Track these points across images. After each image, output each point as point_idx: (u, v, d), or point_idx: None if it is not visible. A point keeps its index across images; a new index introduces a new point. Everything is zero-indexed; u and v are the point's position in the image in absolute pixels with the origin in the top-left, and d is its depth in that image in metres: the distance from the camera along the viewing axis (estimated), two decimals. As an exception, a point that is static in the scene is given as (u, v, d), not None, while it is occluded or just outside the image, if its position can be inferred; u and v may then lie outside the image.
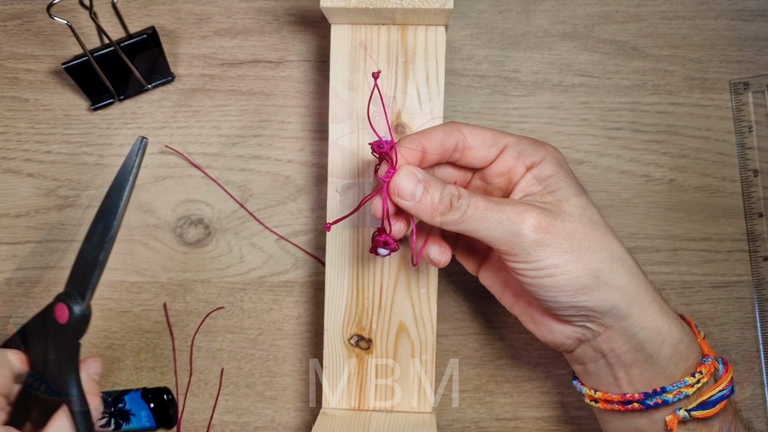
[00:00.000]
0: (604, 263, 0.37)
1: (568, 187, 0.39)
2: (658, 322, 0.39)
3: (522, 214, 0.37)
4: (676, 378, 0.39)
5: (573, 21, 0.54)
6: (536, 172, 0.39)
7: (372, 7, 0.43)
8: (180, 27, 0.54)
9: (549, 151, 0.40)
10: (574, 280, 0.37)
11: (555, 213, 0.37)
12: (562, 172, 0.39)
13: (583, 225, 0.38)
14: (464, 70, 0.54)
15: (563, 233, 0.37)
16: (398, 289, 0.47)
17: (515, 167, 0.40)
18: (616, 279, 0.37)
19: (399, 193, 0.37)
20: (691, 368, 0.39)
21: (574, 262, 0.37)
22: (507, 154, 0.40)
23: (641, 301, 0.38)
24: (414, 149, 0.39)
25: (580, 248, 0.37)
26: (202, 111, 0.54)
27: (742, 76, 0.53)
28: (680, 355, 0.39)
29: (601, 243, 0.38)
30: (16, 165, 0.54)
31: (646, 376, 0.39)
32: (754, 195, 0.52)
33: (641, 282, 0.39)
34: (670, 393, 0.39)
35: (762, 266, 0.52)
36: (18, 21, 0.55)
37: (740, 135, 0.53)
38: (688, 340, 0.40)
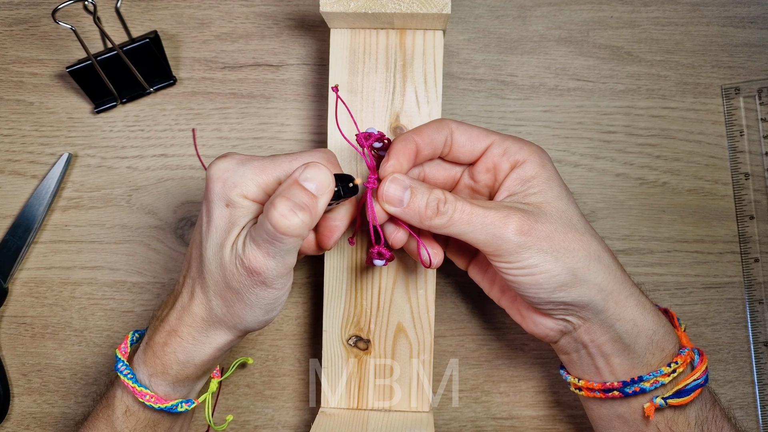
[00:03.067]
0: (581, 262, 0.39)
1: (549, 189, 0.40)
2: (634, 315, 0.41)
3: (505, 219, 0.38)
4: (653, 367, 0.41)
5: (568, 26, 0.54)
6: (520, 173, 0.41)
7: (371, 11, 0.44)
8: (182, 31, 0.55)
9: (533, 151, 0.41)
10: (553, 279, 0.39)
11: (536, 215, 0.39)
12: (545, 174, 0.41)
13: (562, 226, 0.39)
14: (462, 73, 0.54)
15: (543, 235, 0.39)
16: (396, 290, 0.47)
17: (500, 164, 0.41)
18: (592, 276, 0.40)
19: (387, 199, 0.40)
20: (668, 358, 0.41)
21: (552, 261, 0.39)
22: (492, 151, 0.41)
23: (618, 295, 0.40)
24: (407, 146, 0.40)
25: (558, 248, 0.39)
26: (203, 114, 0.55)
27: (734, 81, 0.54)
28: (656, 345, 0.41)
29: (579, 243, 0.40)
30: (21, 167, 0.55)
31: (625, 365, 0.41)
32: (745, 198, 0.53)
33: (618, 278, 0.41)
34: (647, 382, 0.41)
35: (753, 267, 0.53)
36: (23, 26, 0.55)
37: (732, 139, 0.53)
38: (664, 331, 0.42)
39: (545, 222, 0.39)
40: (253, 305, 0.40)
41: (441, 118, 0.43)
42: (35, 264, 0.55)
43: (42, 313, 0.54)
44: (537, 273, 0.39)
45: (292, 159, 0.39)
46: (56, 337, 0.54)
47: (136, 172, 0.55)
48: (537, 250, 0.38)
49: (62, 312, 0.54)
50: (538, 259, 0.39)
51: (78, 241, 0.54)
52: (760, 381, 0.53)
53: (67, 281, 0.54)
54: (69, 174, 0.55)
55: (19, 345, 0.54)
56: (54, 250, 0.55)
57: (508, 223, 0.38)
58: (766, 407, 0.52)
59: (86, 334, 0.54)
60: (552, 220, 0.39)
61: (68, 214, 0.55)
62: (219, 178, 0.39)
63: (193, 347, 0.42)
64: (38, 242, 0.55)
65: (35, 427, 0.54)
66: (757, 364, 0.53)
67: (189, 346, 0.42)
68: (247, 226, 0.39)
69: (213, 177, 0.39)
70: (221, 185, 0.39)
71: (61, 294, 0.54)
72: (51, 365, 0.54)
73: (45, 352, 0.54)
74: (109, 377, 0.52)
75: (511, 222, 0.38)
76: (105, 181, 0.55)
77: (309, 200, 0.37)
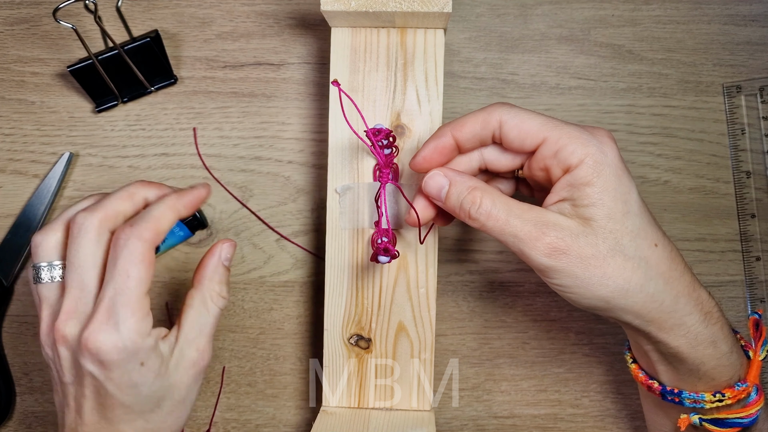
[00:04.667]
0: (617, 292, 0.36)
1: (601, 204, 0.36)
2: (679, 343, 0.38)
3: (535, 240, 0.36)
4: (698, 389, 0.39)
5: (570, 25, 0.54)
6: (571, 179, 0.37)
7: (372, 10, 0.44)
8: (183, 30, 0.55)
9: (589, 152, 0.36)
10: (584, 301, 0.37)
11: (576, 235, 0.36)
12: (600, 182, 0.36)
13: (605, 250, 0.36)
14: (463, 72, 0.54)
15: (577, 260, 0.36)
16: (397, 289, 0.47)
17: (551, 168, 0.37)
18: (629, 306, 0.37)
19: (428, 192, 0.40)
20: (719, 387, 0.39)
21: (583, 288, 0.36)
22: (543, 150, 0.37)
23: (660, 324, 0.37)
24: (442, 143, 0.39)
25: (592, 276, 0.36)
26: (204, 113, 0.55)
27: (735, 80, 0.54)
28: (703, 374, 0.39)
29: (620, 270, 0.36)
30: (23, 166, 0.55)
31: (669, 375, 0.40)
32: (746, 196, 0.53)
33: (666, 307, 0.37)
34: (687, 399, 0.39)
35: (754, 266, 0.53)
36: (25, 25, 0.55)
37: (733, 137, 0.53)
38: (716, 364, 0.38)
39: (584, 245, 0.36)
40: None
41: (493, 105, 0.38)
42: (37, 263, 0.55)
43: (44, 312, 0.55)
44: (568, 293, 0.37)
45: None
46: (58, 336, 0.54)
47: (137, 171, 0.55)
48: (567, 275, 0.36)
49: (64, 311, 0.55)
50: (569, 282, 0.36)
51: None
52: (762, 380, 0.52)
53: (69, 280, 0.55)
54: (70, 173, 0.55)
55: (22, 344, 0.55)
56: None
57: (538, 243, 0.36)
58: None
59: (88, 333, 0.54)
60: (594, 242, 0.36)
61: (70, 213, 0.55)
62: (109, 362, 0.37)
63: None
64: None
65: (37, 426, 0.54)
66: (759, 363, 0.53)
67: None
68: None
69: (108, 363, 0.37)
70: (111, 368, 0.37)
71: (62, 293, 0.55)
72: (53, 364, 0.54)
73: (47, 351, 0.54)
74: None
75: (541, 242, 0.36)
76: (106, 180, 0.55)
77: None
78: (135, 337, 0.37)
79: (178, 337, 0.40)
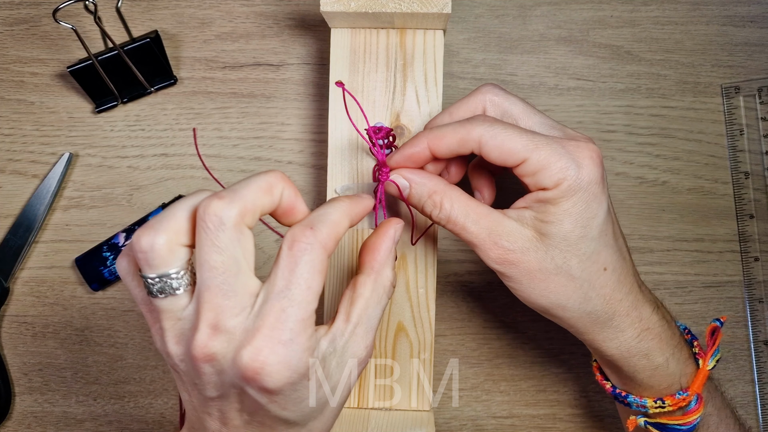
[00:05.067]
0: (554, 306, 0.38)
1: (560, 224, 0.37)
2: (612, 353, 0.40)
3: (488, 249, 0.38)
4: (643, 392, 0.41)
5: (568, 26, 0.54)
6: (540, 195, 0.37)
7: (371, 11, 0.44)
8: (182, 31, 0.55)
9: (569, 175, 0.36)
10: (527, 303, 0.39)
11: (526, 249, 0.37)
12: (567, 205, 0.36)
13: (552, 268, 0.37)
14: (462, 73, 0.54)
15: (524, 271, 0.38)
16: (397, 289, 0.47)
17: (528, 185, 0.38)
18: (567, 317, 0.39)
19: (390, 192, 0.40)
20: (660, 393, 0.41)
21: (526, 294, 0.39)
22: (523, 168, 0.37)
23: (595, 335, 0.40)
24: (417, 152, 0.39)
25: (535, 288, 0.38)
26: (204, 113, 0.55)
27: (733, 80, 0.54)
28: (640, 381, 0.41)
29: (559, 288, 0.38)
30: (22, 166, 0.55)
31: (614, 379, 0.43)
32: (745, 197, 0.53)
33: (599, 324, 0.39)
34: (633, 403, 0.41)
35: (753, 266, 0.53)
36: (24, 25, 0.55)
37: (731, 138, 0.54)
38: (651, 374, 0.40)
39: (533, 259, 0.37)
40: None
41: (474, 122, 0.37)
42: (36, 263, 0.55)
43: (43, 313, 0.55)
44: (516, 293, 0.39)
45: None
46: (57, 336, 0.54)
47: (136, 172, 0.55)
48: (515, 281, 0.38)
49: (63, 311, 0.55)
50: (515, 286, 0.39)
51: (79, 241, 0.55)
52: (760, 380, 0.53)
53: (68, 281, 0.55)
54: (70, 173, 0.55)
55: (20, 344, 0.55)
56: (55, 250, 0.55)
57: (489, 252, 0.38)
58: (766, 406, 0.52)
59: (87, 334, 0.54)
60: (542, 258, 0.37)
61: (69, 213, 0.55)
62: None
63: None
64: (39, 242, 0.55)
65: (36, 427, 0.54)
66: (757, 363, 0.53)
67: None
68: None
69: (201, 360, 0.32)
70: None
71: (62, 293, 0.55)
72: (52, 364, 0.54)
73: (46, 351, 0.54)
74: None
75: (493, 252, 0.38)
76: (106, 181, 0.55)
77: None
78: (306, 355, 0.31)
79: (344, 331, 0.34)
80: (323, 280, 0.32)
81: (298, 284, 0.31)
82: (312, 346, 0.32)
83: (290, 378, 0.31)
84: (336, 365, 0.34)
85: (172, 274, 0.31)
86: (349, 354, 0.34)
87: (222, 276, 0.31)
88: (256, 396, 0.32)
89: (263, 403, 0.32)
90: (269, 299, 0.31)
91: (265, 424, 0.33)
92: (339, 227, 0.33)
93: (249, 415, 0.33)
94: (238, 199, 0.31)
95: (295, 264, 0.31)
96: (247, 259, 0.31)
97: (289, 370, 0.31)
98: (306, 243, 0.31)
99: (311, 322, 0.32)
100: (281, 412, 0.32)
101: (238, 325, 0.31)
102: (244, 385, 0.31)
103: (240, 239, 0.31)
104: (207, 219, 0.30)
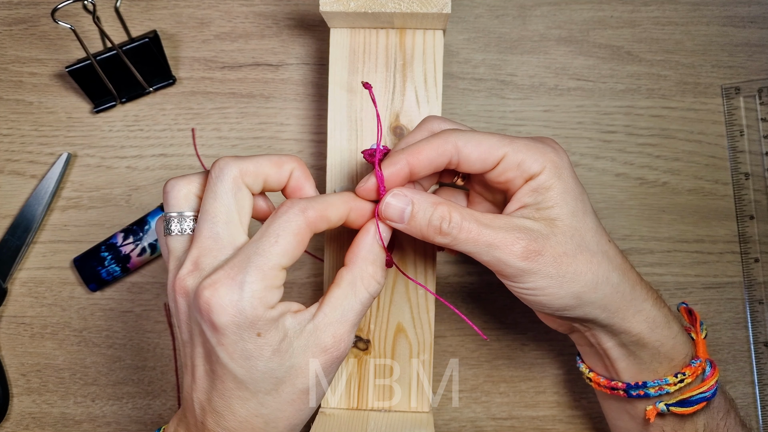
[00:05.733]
0: (588, 286, 0.38)
1: (564, 204, 0.38)
2: (641, 329, 0.40)
3: (510, 245, 0.36)
4: (659, 375, 0.41)
5: (568, 26, 0.54)
6: (534, 184, 0.38)
7: (371, 11, 0.44)
8: (181, 31, 0.55)
9: (549, 159, 0.38)
10: (557, 302, 0.38)
11: (545, 236, 0.37)
12: (560, 185, 0.38)
13: (573, 247, 0.37)
14: (462, 73, 0.54)
15: (550, 259, 0.37)
16: (396, 290, 0.47)
17: (514, 179, 0.38)
18: (598, 298, 0.38)
19: (387, 215, 0.38)
20: (677, 367, 0.41)
21: (557, 286, 0.37)
22: (505, 163, 0.38)
23: (624, 313, 0.39)
24: (397, 171, 0.38)
25: (565, 273, 0.37)
26: (203, 113, 0.55)
27: (734, 81, 0.54)
28: (663, 356, 0.40)
29: (588, 265, 0.38)
30: (21, 167, 0.55)
31: (631, 370, 0.41)
32: (745, 197, 0.53)
33: (626, 297, 0.39)
34: (652, 388, 0.40)
35: (753, 267, 0.53)
36: (23, 25, 0.55)
37: (732, 139, 0.53)
38: (674, 342, 0.41)
39: (555, 244, 0.37)
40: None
41: (445, 133, 0.38)
42: (34, 264, 0.55)
43: (41, 313, 0.54)
44: (541, 295, 0.38)
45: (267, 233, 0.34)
46: (55, 337, 0.54)
47: (135, 172, 0.55)
48: (542, 276, 0.37)
49: (61, 312, 0.54)
50: (543, 283, 0.37)
51: (77, 241, 0.54)
52: (760, 381, 0.52)
53: (67, 281, 0.54)
54: (68, 174, 0.55)
55: (19, 345, 0.54)
56: (53, 250, 0.55)
57: (513, 248, 0.36)
58: (766, 407, 0.52)
59: (85, 334, 0.54)
60: (563, 240, 0.37)
61: (67, 213, 0.55)
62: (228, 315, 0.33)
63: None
64: (37, 242, 0.55)
65: (34, 427, 0.54)
66: (758, 364, 0.53)
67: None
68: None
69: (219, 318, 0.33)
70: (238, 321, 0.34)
71: (60, 294, 0.54)
72: (50, 365, 0.54)
73: (44, 352, 0.54)
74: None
75: (516, 246, 0.36)
76: (104, 181, 0.55)
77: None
78: (257, 303, 0.33)
79: (315, 315, 0.36)
80: (297, 244, 0.34)
81: (268, 237, 0.34)
82: (268, 301, 0.34)
83: (235, 319, 0.33)
84: (300, 347, 0.35)
85: (173, 216, 0.36)
86: (315, 340, 0.35)
87: (213, 220, 0.35)
88: (208, 334, 0.34)
89: (213, 345, 0.34)
90: (243, 246, 0.34)
91: (218, 375, 0.35)
92: (331, 207, 0.36)
93: (207, 362, 0.35)
94: (244, 160, 0.35)
95: (272, 221, 0.34)
96: (241, 214, 0.35)
97: (235, 310, 0.33)
98: (288, 206, 0.35)
99: (273, 276, 0.34)
100: (229, 362, 0.34)
101: (212, 265, 0.34)
102: (200, 320, 0.34)
103: (236, 193, 0.35)
104: (213, 170, 0.35)
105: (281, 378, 0.35)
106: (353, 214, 0.38)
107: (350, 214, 0.37)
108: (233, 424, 0.35)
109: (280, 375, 0.35)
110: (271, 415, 0.36)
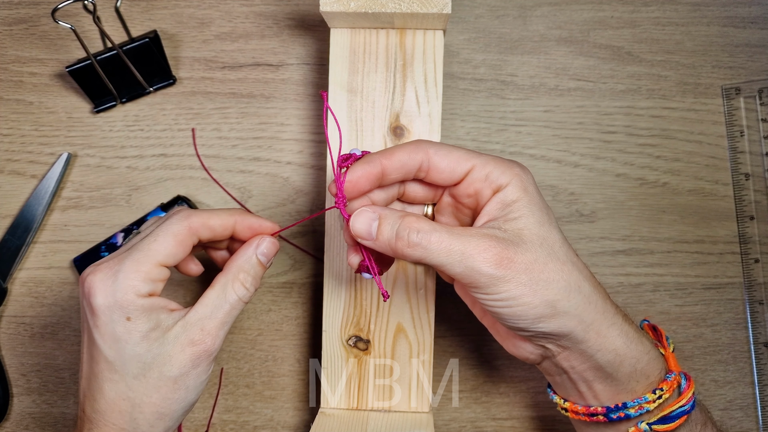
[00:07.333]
0: (561, 293, 0.38)
1: (531, 214, 0.38)
2: (616, 344, 0.39)
3: (482, 252, 0.36)
4: (638, 393, 0.40)
5: (569, 26, 0.54)
6: (501, 197, 0.39)
7: (371, 11, 0.44)
8: (181, 31, 0.55)
9: (515, 174, 0.39)
10: (531, 311, 0.37)
11: (516, 244, 0.37)
12: (527, 198, 0.39)
13: (543, 255, 0.38)
14: (462, 73, 0.54)
15: (522, 267, 0.37)
16: (396, 290, 0.47)
17: (482, 190, 0.39)
18: (572, 308, 0.38)
19: (355, 233, 0.38)
20: (654, 384, 0.40)
21: (531, 294, 0.37)
22: (473, 175, 0.39)
23: (599, 326, 0.39)
24: (371, 169, 0.39)
25: (538, 280, 0.37)
26: (203, 113, 0.55)
27: (734, 82, 0.54)
28: (640, 373, 0.40)
29: (559, 273, 0.38)
30: (21, 167, 0.55)
31: (609, 392, 0.41)
32: (745, 198, 0.53)
33: (599, 308, 0.39)
34: (632, 408, 0.40)
35: (753, 268, 0.53)
36: (23, 25, 0.55)
37: (732, 139, 0.53)
38: (649, 358, 0.40)
39: (525, 252, 0.37)
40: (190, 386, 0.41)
41: (418, 141, 0.40)
42: (34, 264, 0.55)
43: (41, 313, 0.54)
44: (515, 305, 0.37)
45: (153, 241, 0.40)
46: (55, 337, 0.54)
47: (135, 172, 0.55)
48: (515, 283, 0.37)
49: (61, 312, 0.54)
50: (516, 292, 0.37)
51: (77, 241, 0.54)
52: (760, 382, 0.52)
53: (67, 281, 0.54)
54: (68, 174, 0.55)
55: (19, 345, 0.54)
56: (53, 250, 0.55)
57: (484, 256, 0.36)
58: (766, 408, 0.52)
59: (85, 334, 0.54)
60: (532, 248, 0.37)
61: (67, 213, 0.55)
62: (104, 307, 0.39)
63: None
64: (37, 242, 0.55)
65: (34, 427, 0.54)
66: (758, 365, 0.53)
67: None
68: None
69: (98, 310, 0.39)
70: (110, 314, 0.39)
71: (60, 294, 0.54)
72: (50, 365, 0.54)
73: (44, 352, 0.54)
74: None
75: (488, 255, 0.36)
76: (104, 181, 0.55)
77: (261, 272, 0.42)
78: (128, 291, 0.38)
79: (188, 312, 0.40)
80: (176, 245, 0.39)
81: (150, 236, 0.39)
82: (140, 290, 0.38)
83: (106, 302, 0.38)
84: (170, 338, 0.39)
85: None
86: (184, 332, 0.39)
87: (136, 237, 0.41)
88: (88, 316, 0.39)
89: (91, 326, 0.39)
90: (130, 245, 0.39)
91: (93, 358, 0.39)
92: (214, 217, 0.41)
93: (89, 347, 0.39)
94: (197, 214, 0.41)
95: (159, 223, 0.40)
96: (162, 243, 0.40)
97: (108, 295, 0.38)
98: (174, 212, 0.40)
99: (147, 270, 0.39)
100: (102, 343, 0.38)
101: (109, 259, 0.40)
102: (84, 305, 0.39)
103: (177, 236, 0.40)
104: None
105: (149, 363, 0.39)
106: (239, 227, 0.42)
107: (236, 226, 0.42)
108: (103, 406, 0.39)
109: (147, 360, 0.39)
110: (137, 398, 0.39)
